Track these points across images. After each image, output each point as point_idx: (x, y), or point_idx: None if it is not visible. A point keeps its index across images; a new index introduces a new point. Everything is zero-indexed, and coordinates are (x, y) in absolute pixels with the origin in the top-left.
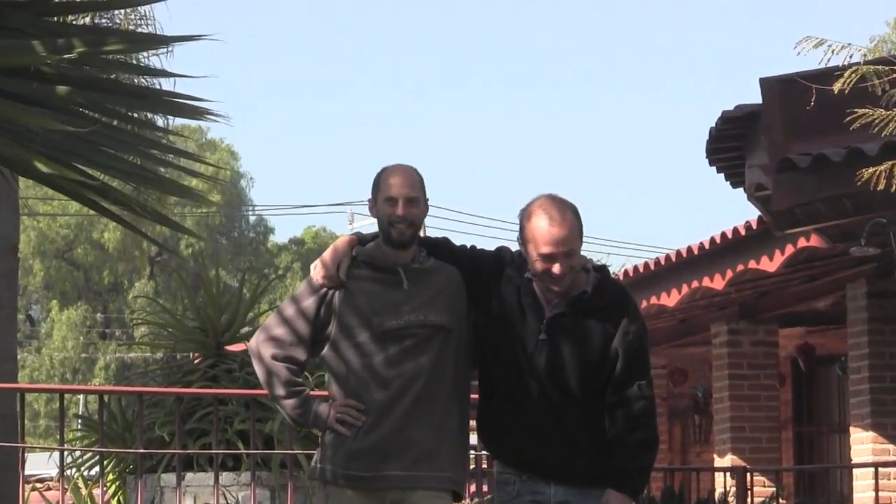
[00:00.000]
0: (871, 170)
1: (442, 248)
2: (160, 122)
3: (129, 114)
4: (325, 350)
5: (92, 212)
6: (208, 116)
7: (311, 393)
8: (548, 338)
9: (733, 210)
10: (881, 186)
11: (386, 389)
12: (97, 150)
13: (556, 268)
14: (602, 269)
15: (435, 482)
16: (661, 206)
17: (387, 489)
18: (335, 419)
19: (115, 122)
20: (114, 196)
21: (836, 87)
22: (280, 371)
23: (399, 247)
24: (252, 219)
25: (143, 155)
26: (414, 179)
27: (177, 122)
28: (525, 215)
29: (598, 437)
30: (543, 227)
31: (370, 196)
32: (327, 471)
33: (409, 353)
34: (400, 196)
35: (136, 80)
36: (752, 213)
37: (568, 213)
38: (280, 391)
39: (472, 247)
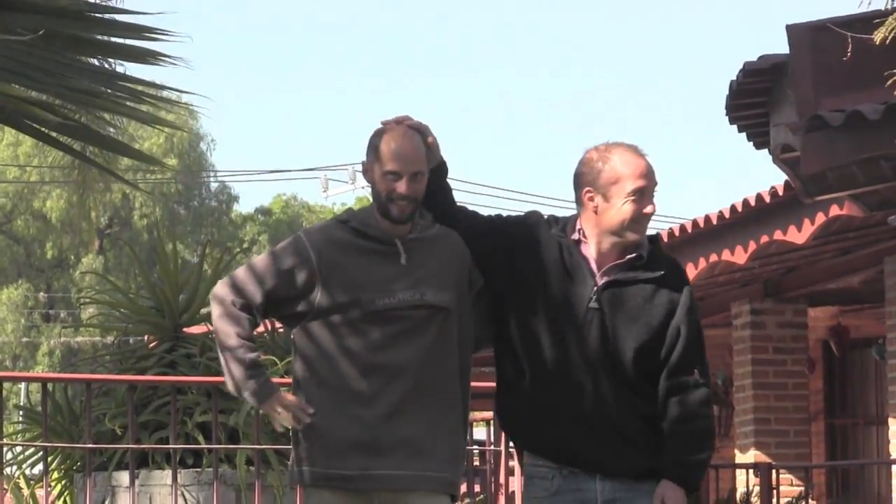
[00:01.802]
0: None
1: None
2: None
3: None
4: (299, 328)
5: (33, 178)
6: (163, 59)
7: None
8: (599, 307)
9: (757, 174)
10: None
11: (369, 378)
12: (38, 68)
13: (650, 207)
14: (655, 239)
15: (434, 483)
16: (675, 170)
17: (375, 490)
18: (273, 409)
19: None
20: (61, 117)
21: (878, 35)
22: (242, 320)
23: (399, 223)
24: (214, 186)
25: (92, 77)
26: (419, 150)
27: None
28: (602, 157)
29: (649, 425)
30: (632, 160)
31: (366, 159)
32: (305, 473)
33: (401, 338)
34: (405, 172)
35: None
36: (778, 178)
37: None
38: (233, 341)
39: (498, 215)
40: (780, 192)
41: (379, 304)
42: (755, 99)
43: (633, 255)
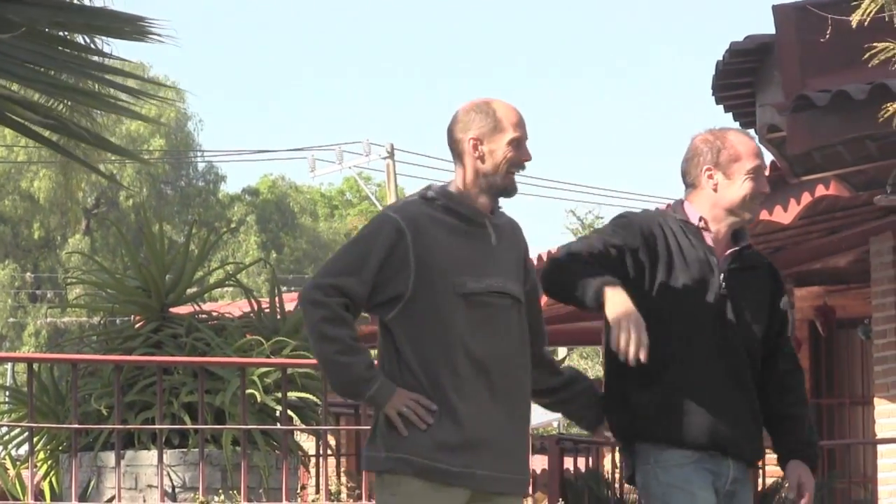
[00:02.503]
0: (895, 105)
1: None
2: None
3: (63, 34)
4: (394, 313)
5: (21, 158)
6: (151, 36)
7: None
8: (728, 294)
9: None
10: None
11: (460, 369)
12: (21, 64)
13: (766, 188)
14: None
15: (517, 486)
16: (661, 151)
17: (471, 489)
18: (396, 409)
19: (45, 30)
20: (41, 114)
21: (854, 18)
22: (348, 321)
23: (508, 196)
24: (201, 166)
25: (75, 70)
26: None
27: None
28: (718, 138)
29: (758, 406)
30: (748, 141)
31: (472, 133)
32: (403, 461)
33: (485, 326)
34: (525, 138)
35: None
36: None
37: None
38: (341, 346)
39: (612, 239)
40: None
41: (470, 287)
42: (741, 79)
43: (746, 243)
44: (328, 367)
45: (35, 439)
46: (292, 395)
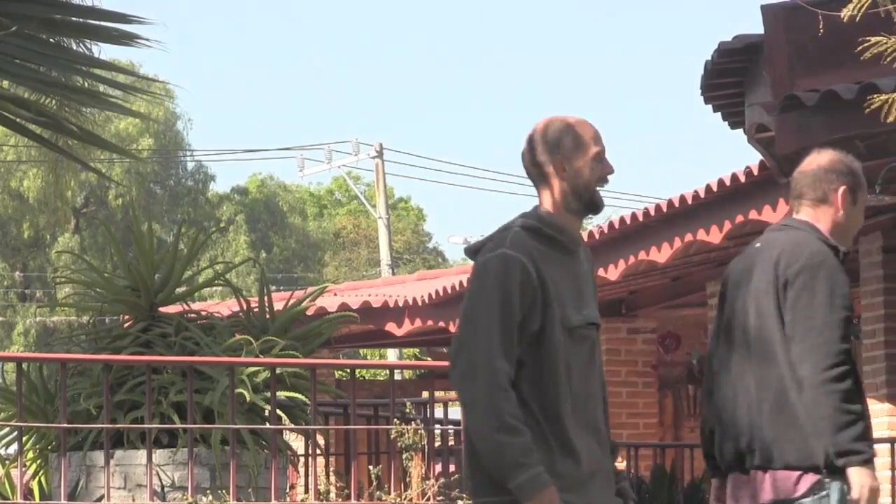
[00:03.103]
0: (881, 97)
1: None
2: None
3: (54, 39)
4: (522, 347)
5: (10, 157)
6: (140, 41)
7: None
8: None
9: (732, 154)
10: (892, 118)
11: (573, 402)
12: (11, 61)
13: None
14: None
15: None
16: (650, 150)
17: None
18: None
19: (41, 34)
20: (33, 110)
21: (846, 12)
22: (512, 395)
23: (596, 213)
24: (190, 165)
25: (65, 67)
26: None
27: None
28: (851, 162)
29: None
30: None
31: (557, 155)
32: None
33: (584, 358)
34: (605, 150)
35: None
36: (752, 158)
37: None
38: (509, 421)
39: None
40: (755, 172)
41: (573, 320)
42: (730, 79)
43: None
44: (487, 447)
45: (24, 439)
46: (281, 394)
